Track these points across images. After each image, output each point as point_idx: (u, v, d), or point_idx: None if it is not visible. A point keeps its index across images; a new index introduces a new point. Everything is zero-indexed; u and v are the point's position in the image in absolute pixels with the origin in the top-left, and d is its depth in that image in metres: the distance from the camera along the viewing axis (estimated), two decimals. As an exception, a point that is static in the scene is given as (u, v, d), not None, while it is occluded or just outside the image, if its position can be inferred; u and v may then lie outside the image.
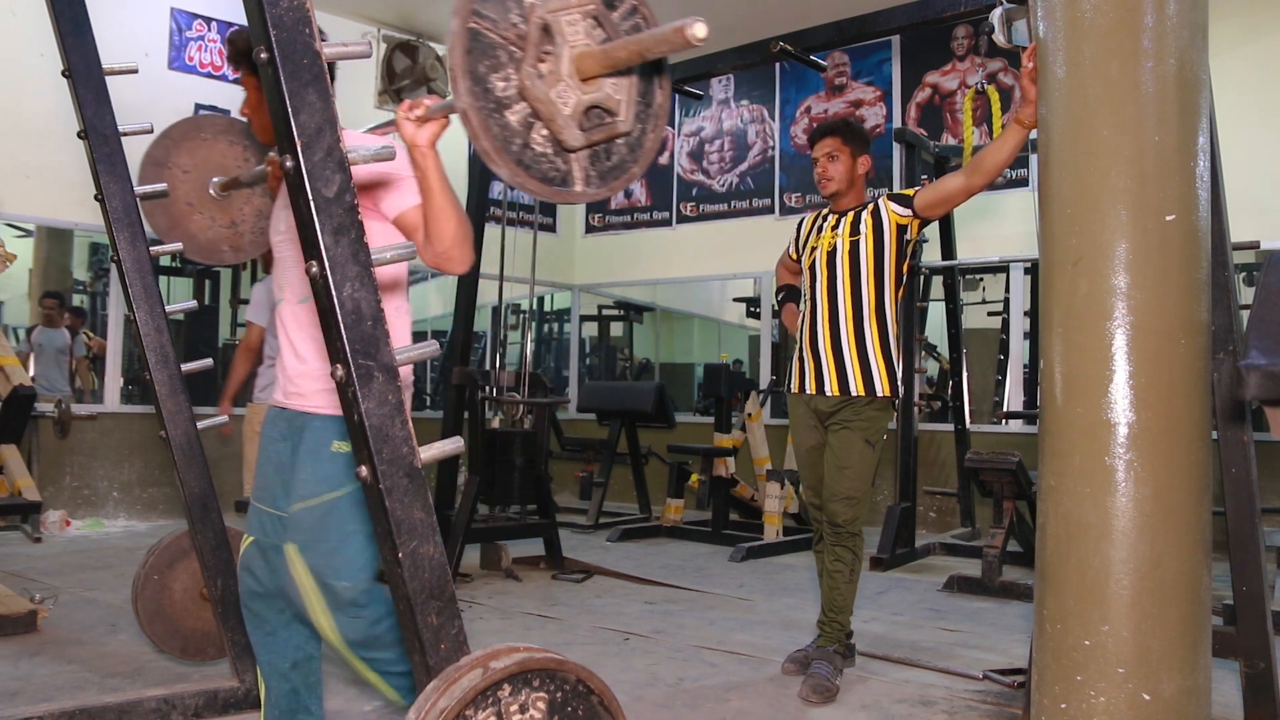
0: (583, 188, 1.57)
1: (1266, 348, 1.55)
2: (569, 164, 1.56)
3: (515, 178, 1.49)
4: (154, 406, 2.65)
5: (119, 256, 2.62)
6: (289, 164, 1.44)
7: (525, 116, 1.50)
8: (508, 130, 1.48)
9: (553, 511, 5.29)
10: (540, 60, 1.50)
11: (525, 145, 1.50)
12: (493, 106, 1.46)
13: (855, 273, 3.22)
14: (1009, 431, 6.95)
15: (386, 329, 1.50)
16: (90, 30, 2.60)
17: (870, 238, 3.21)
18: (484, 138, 1.45)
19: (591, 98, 1.54)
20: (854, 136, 3.32)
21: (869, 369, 3.19)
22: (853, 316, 3.21)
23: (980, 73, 7.21)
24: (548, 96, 1.49)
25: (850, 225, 3.26)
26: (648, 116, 1.66)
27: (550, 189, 1.53)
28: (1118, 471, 1.74)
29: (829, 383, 3.23)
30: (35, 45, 6.16)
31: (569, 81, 1.52)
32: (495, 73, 1.47)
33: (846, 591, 3.20)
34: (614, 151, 1.62)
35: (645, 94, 1.64)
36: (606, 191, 1.62)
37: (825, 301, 3.27)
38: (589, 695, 1.47)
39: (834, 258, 3.26)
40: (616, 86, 1.58)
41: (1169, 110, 1.78)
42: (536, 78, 1.48)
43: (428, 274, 9.04)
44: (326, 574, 1.97)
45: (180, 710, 2.61)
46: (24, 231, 7.88)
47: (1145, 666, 1.72)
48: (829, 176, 3.30)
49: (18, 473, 5.46)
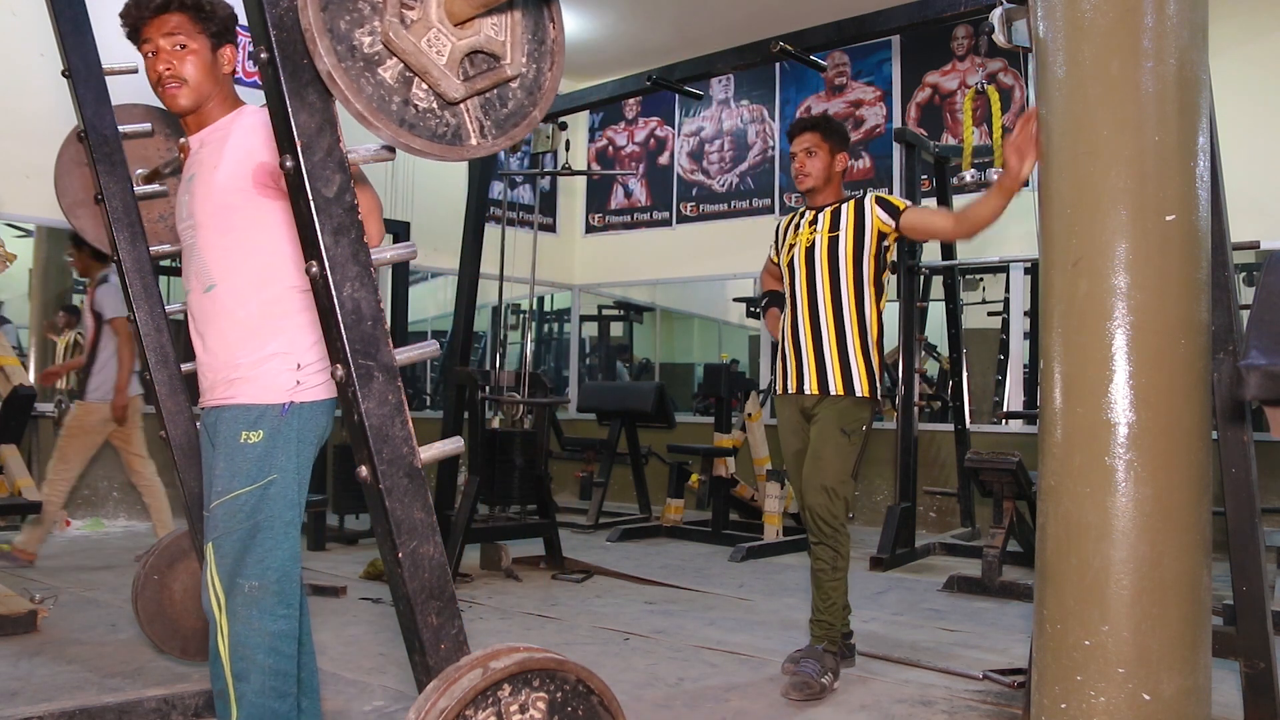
0: (478, 140, 1.46)
1: (1266, 348, 1.55)
2: (458, 117, 1.44)
3: (399, 139, 1.38)
4: (154, 406, 2.65)
5: (119, 256, 2.62)
6: (289, 164, 1.43)
7: (401, 71, 1.39)
8: (383, 89, 1.37)
9: (553, 511, 5.29)
10: (406, 7, 1.38)
11: (406, 102, 1.39)
12: (362, 65, 1.35)
13: (834, 268, 3.20)
14: (1009, 431, 6.95)
15: (386, 329, 1.50)
16: (90, 30, 2.60)
17: (850, 234, 3.19)
18: (356, 100, 1.34)
19: (469, 42, 1.42)
20: (832, 133, 3.31)
21: (849, 368, 3.16)
22: (832, 313, 3.20)
23: (980, 73, 7.21)
24: (417, 46, 1.37)
25: (829, 220, 3.24)
26: (542, 54, 1.53)
27: (441, 146, 1.42)
28: (1118, 471, 1.74)
29: (809, 381, 3.21)
30: (35, 45, 6.16)
31: (440, 27, 1.40)
32: (359, 27, 1.36)
33: (831, 590, 3.15)
34: (509, 97, 1.49)
35: (535, 31, 1.51)
36: (506, 141, 1.50)
37: (805, 298, 3.25)
38: (589, 695, 1.47)
39: (813, 253, 3.24)
40: (498, 27, 1.45)
41: (1169, 110, 1.78)
42: (400, 27, 1.36)
43: (428, 274, 9.04)
44: (234, 571, 1.89)
45: (180, 710, 2.61)
46: (24, 231, 7.87)
47: (1145, 666, 1.72)
48: (806, 172, 3.29)
49: (18, 473, 5.44)
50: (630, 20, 8.03)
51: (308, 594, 4.27)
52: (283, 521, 1.92)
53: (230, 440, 1.93)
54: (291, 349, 1.96)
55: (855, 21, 3.97)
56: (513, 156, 8.18)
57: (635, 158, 9.33)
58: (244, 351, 1.95)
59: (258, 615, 1.89)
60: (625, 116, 9.39)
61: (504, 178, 7.92)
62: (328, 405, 2.01)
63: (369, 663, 3.30)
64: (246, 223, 1.97)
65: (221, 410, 1.98)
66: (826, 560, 3.15)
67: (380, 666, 3.26)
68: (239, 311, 1.97)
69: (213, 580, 1.91)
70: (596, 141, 9.58)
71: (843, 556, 3.16)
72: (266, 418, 1.92)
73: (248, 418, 1.93)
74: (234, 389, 1.95)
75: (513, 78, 1.47)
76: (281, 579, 1.92)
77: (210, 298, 2.00)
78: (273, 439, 1.92)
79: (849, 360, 3.17)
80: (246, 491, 1.90)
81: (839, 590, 3.17)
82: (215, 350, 2.00)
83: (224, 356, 1.98)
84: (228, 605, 1.89)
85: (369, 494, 1.49)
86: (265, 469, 1.91)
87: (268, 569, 1.90)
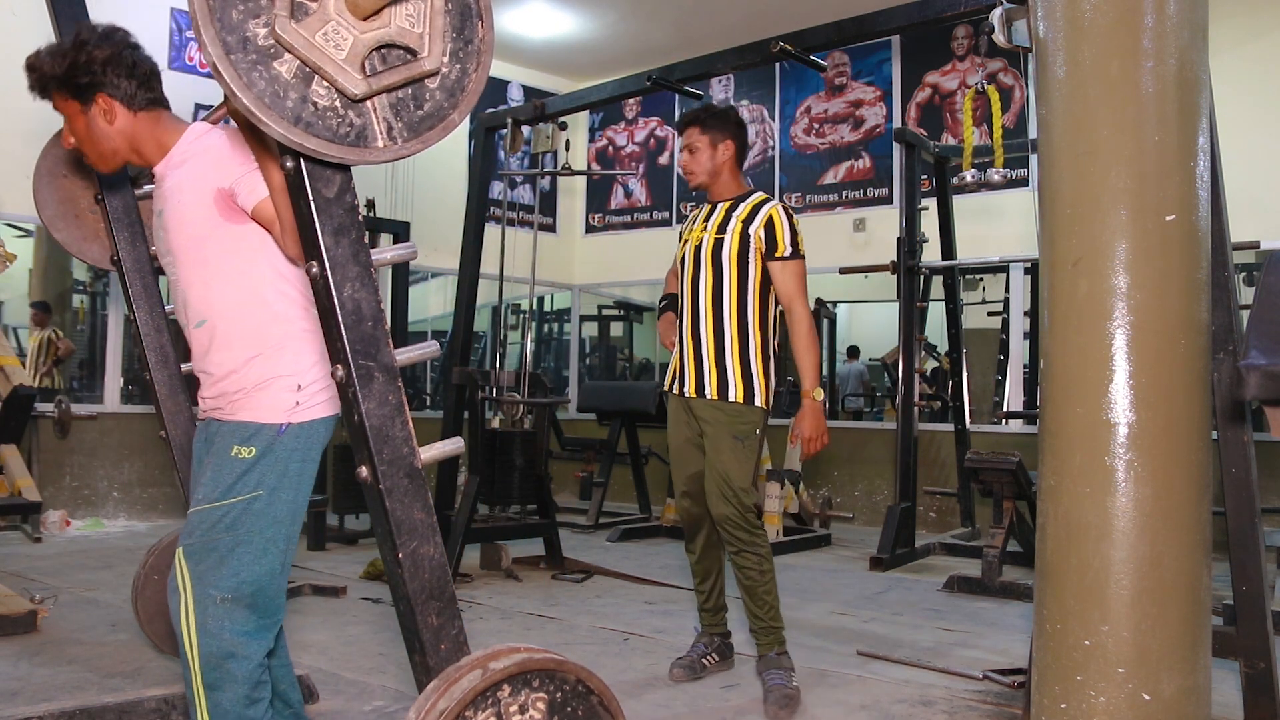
0: (385, 142, 1.37)
1: (1266, 348, 1.55)
2: (364, 116, 1.35)
3: (292, 137, 1.30)
4: (154, 406, 2.65)
5: (119, 256, 2.62)
6: (289, 164, 1.43)
7: (300, 66, 1.31)
8: (278, 84, 1.29)
9: (553, 511, 5.29)
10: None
11: (304, 99, 1.31)
12: (254, 58, 1.28)
13: (718, 270, 3.08)
14: (1009, 431, 6.95)
15: (387, 329, 1.50)
16: (90, 30, 2.60)
17: (736, 238, 3.07)
18: (244, 95, 1.26)
19: (376, 35, 1.33)
20: (713, 123, 3.16)
21: (725, 374, 3.06)
22: (712, 317, 3.09)
23: (980, 73, 7.21)
24: (309, 40, 1.29)
25: (720, 222, 3.12)
26: (468, 54, 1.43)
27: (341, 147, 1.33)
28: (1118, 471, 1.74)
29: (688, 383, 3.13)
30: (35, 45, 6.14)
31: (340, 20, 1.31)
32: (254, 18, 1.28)
33: (765, 594, 3.06)
34: (425, 98, 1.40)
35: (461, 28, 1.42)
36: (419, 144, 1.40)
37: (690, 298, 3.15)
38: (589, 695, 1.47)
39: (699, 253, 3.13)
40: (414, 18, 1.36)
41: (1169, 110, 1.77)
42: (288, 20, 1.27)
43: (428, 274, 9.04)
44: (207, 581, 1.86)
45: (180, 710, 2.60)
46: (24, 231, 7.88)
47: (1145, 666, 1.72)
48: (690, 170, 3.19)
49: (18, 473, 5.46)
50: (630, 20, 8.03)
51: (308, 594, 4.30)
52: (263, 538, 1.90)
53: (222, 451, 1.92)
54: (294, 370, 1.94)
55: (855, 21, 3.96)
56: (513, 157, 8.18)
57: (635, 158, 9.34)
58: (245, 377, 1.94)
59: (229, 627, 1.86)
60: (625, 116, 9.39)
61: (504, 178, 7.92)
62: (328, 421, 1.99)
63: (369, 663, 3.30)
64: (221, 251, 1.94)
65: (222, 424, 1.97)
66: (753, 566, 3.05)
67: (380, 666, 3.26)
68: (233, 342, 1.95)
69: (182, 584, 1.88)
70: (596, 141, 9.58)
71: (766, 559, 3.07)
72: (261, 435, 1.91)
73: (243, 433, 1.91)
74: (234, 408, 1.95)
75: (430, 73, 1.38)
76: (256, 593, 1.89)
77: (202, 332, 1.98)
78: (263, 457, 1.90)
79: (725, 366, 3.06)
80: (226, 504, 1.88)
81: (773, 593, 3.09)
82: (215, 375, 1.98)
83: (224, 382, 1.97)
84: (196, 614, 1.86)
85: (369, 494, 1.49)
86: (250, 484, 1.89)
87: (242, 583, 1.88)
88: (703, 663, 3.23)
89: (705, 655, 3.25)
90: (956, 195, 6.65)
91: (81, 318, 8.78)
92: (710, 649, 3.27)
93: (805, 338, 3.06)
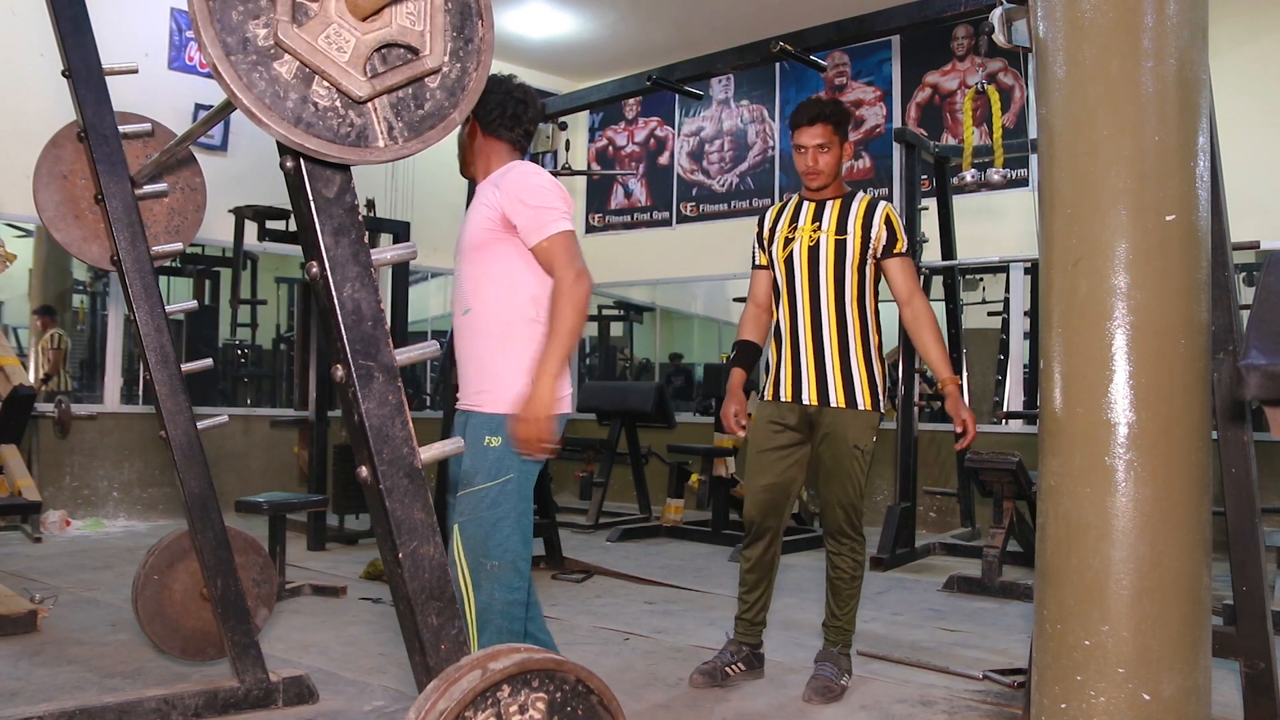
0: (385, 142, 1.37)
1: (1266, 348, 1.55)
2: (364, 117, 1.35)
3: (292, 137, 1.30)
4: (154, 406, 2.65)
5: (119, 256, 2.62)
6: (289, 164, 1.43)
7: (300, 67, 1.31)
8: (278, 84, 1.29)
9: (553, 511, 5.29)
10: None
11: (304, 100, 1.31)
12: (255, 59, 1.28)
13: (840, 273, 3.00)
14: (1009, 431, 6.95)
15: (387, 329, 1.50)
16: (90, 30, 2.60)
17: (858, 239, 3.01)
18: (244, 95, 1.26)
19: (378, 35, 1.33)
20: (844, 123, 3.06)
21: (851, 380, 2.99)
22: (836, 320, 3.01)
23: (980, 73, 7.21)
24: (311, 44, 1.29)
25: (836, 219, 3.03)
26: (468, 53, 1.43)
27: (342, 148, 1.33)
28: (1118, 471, 1.74)
29: (807, 390, 3.03)
30: (35, 45, 6.16)
31: (341, 22, 1.31)
32: (255, 19, 1.28)
33: (849, 598, 3.12)
34: (426, 98, 1.40)
35: (461, 26, 1.42)
36: (420, 144, 1.40)
37: (807, 301, 3.04)
38: (588, 695, 1.47)
39: (816, 254, 3.02)
40: (414, 15, 1.36)
41: (1169, 110, 1.78)
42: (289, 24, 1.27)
43: (428, 274, 9.04)
44: (478, 553, 2.24)
45: (180, 710, 2.61)
46: (24, 231, 7.87)
47: (1145, 666, 1.72)
48: (819, 169, 3.03)
49: (18, 473, 5.45)
50: (630, 20, 8.03)
51: (308, 594, 4.30)
52: (516, 513, 2.27)
53: (476, 442, 2.28)
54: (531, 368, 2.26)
55: (855, 21, 3.97)
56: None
57: (635, 158, 9.33)
58: (491, 368, 2.31)
59: (498, 588, 2.25)
60: (625, 116, 9.39)
61: (504, 178, 7.91)
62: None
63: (369, 663, 3.30)
64: (492, 257, 2.31)
65: (472, 415, 2.34)
66: (847, 570, 3.10)
67: (380, 666, 3.26)
68: (486, 334, 2.32)
69: (459, 558, 2.26)
70: (596, 141, 9.58)
71: (861, 565, 3.12)
72: (504, 426, 2.25)
73: (490, 424, 2.28)
74: (481, 399, 2.32)
75: (432, 71, 1.38)
76: (515, 559, 2.26)
77: (466, 320, 2.36)
78: (508, 444, 2.24)
79: (851, 372, 3.00)
80: (486, 487, 2.25)
81: (856, 597, 3.13)
82: (469, 363, 2.36)
83: (475, 370, 2.34)
84: (473, 580, 2.25)
85: (369, 494, 1.49)
86: (503, 469, 2.25)
87: (506, 551, 2.25)
88: (726, 671, 3.13)
89: (731, 664, 3.15)
90: (956, 195, 6.65)
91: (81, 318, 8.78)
92: (737, 657, 3.17)
93: (934, 329, 3.08)
